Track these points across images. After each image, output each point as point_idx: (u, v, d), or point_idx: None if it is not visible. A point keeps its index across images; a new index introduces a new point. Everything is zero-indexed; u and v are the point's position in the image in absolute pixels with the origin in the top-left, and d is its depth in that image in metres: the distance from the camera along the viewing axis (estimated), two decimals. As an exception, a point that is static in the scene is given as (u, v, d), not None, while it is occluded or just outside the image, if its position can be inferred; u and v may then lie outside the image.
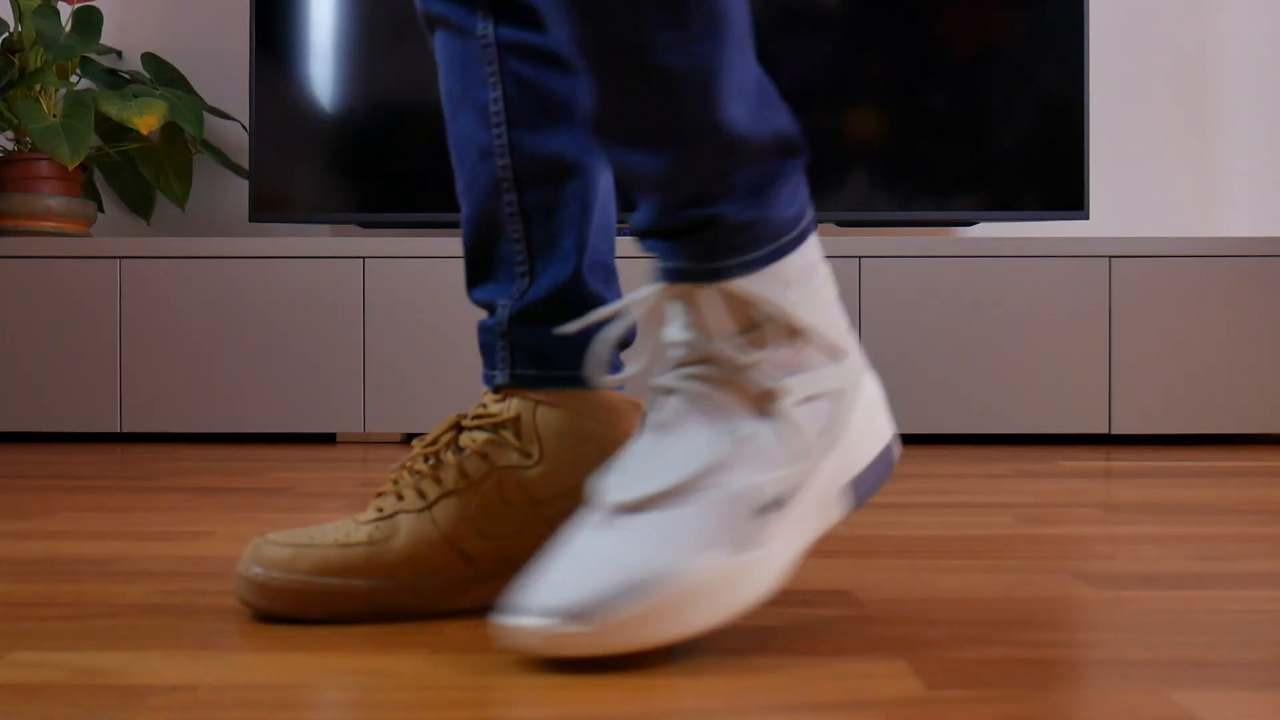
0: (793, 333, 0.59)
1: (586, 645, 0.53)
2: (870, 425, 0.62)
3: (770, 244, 0.59)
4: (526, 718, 0.47)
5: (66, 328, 2.03)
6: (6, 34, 2.23)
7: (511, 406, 0.67)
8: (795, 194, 0.60)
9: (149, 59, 2.30)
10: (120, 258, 2.03)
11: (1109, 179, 2.42)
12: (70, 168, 2.02)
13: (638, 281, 2.00)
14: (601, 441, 0.67)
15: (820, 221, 2.14)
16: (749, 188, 0.58)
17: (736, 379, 0.59)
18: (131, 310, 2.03)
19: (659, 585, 0.54)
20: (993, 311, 2.01)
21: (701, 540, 0.55)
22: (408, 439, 2.08)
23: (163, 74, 2.30)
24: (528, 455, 0.66)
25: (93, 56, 2.36)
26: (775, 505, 0.58)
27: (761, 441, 0.58)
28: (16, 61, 2.15)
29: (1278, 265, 2.00)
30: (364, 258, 2.02)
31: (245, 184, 2.46)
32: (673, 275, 0.59)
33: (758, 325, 0.59)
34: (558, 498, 0.66)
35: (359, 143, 2.14)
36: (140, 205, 2.38)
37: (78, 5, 2.13)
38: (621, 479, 0.58)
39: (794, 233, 0.60)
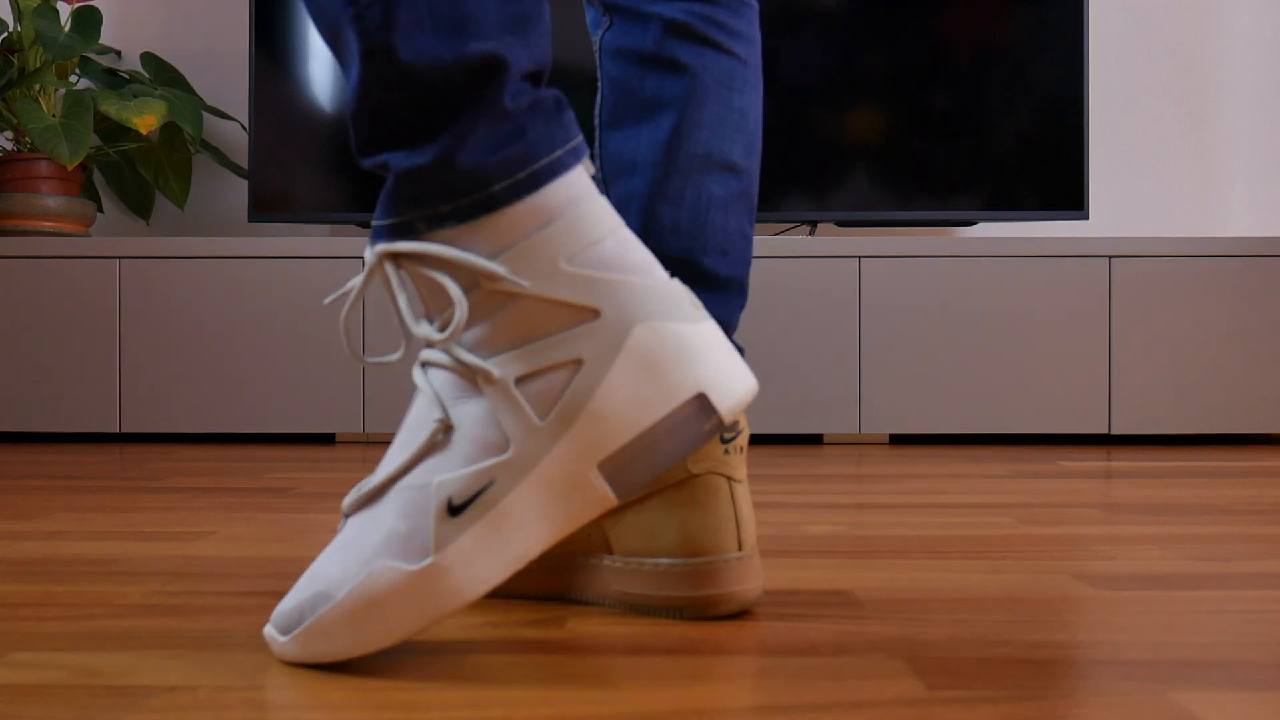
0: (509, 296, 0.52)
1: (290, 654, 0.54)
2: (642, 387, 0.52)
3: (462, 197, 0.51)
4: (526, 718, 0.47)
5: (66, 328, 2.03)
6: (6, 34, 2.23)
7: None
8: (505, 134, 0.51)
9: (148, 59, 2.30)
10: (119, 258, 2.03)
11: (1109, 179, 2.42)
12: (69, 168, 2.02)
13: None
14: None
15: (820, 221, 2.14)
16: (421, 130, 0.51)
17: (449, 356, 0.53)
18: (131, 310, 2.03)
19: (334, 596, 0.52)
20: (992, 311, 2.01)
21: (378, 547, 0.52)
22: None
23: (162, 74, 2.30)
24: None
25: (92, 56, 2.36)
26: (462, 507, 0.52)
27: (462, 432, 0.52)
28: (16, 61, 2.15)
29: (1278, 265, 2.00)
30: (363, 258, 2.02)
31: (244, 184, 2.46)
32: (372, 235, 0.54)
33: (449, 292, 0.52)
34: None
35: (358, 143, 2.14)
36: (139, 205, 2.38)
37: (77, 5, 2.13)
38: (366, 480, 0.57)
39: (505, 182, 0.51)
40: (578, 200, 0.52)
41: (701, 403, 0.53)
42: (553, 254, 0.51)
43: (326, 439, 2.09)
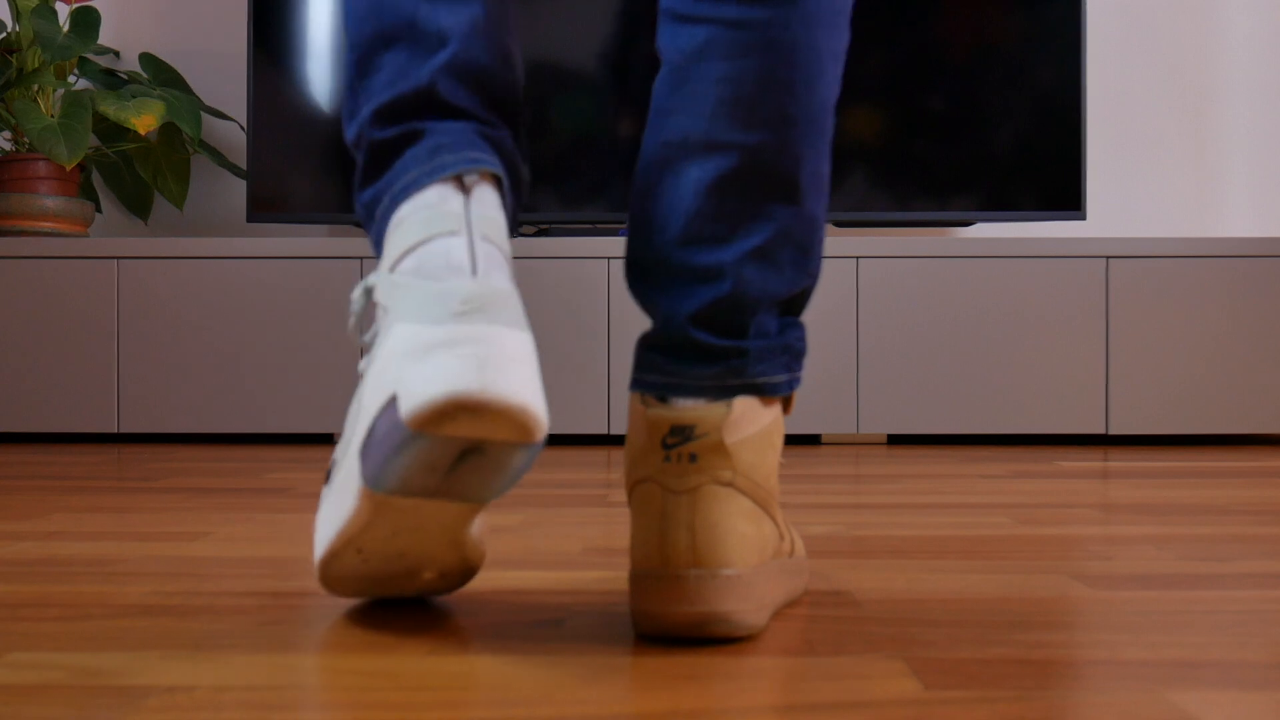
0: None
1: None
2: (375, 384, 0.54)
3: (360, 214, 0.64)
4: (524, 718, 0.47)
5: (64, 328, 2.02)
6: (4, 34, 2.23)
7: None
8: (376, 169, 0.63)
9: (147, 59, 2.30)
10: (118, 258, 2.03)
11: (1106, 179, 2.42)
12: (68, 168, 2.02)
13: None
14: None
15: (818, 222, 2.14)
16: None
17: None
18: (129, 310, 2.03)
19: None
20: (990, 312, 2.01)
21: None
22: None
23: (160, 74, 2.30)
24: None
25: (90, 57, 2.36)
26: (345, 454, 0.60)
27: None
28: (14, 61, 2.15)
29: (1275, 265, 2.00)
30: (361, 258, 2.02)
31: (243, 184, 2.46)
32: None
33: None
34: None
35: (357, 143, 2.14)
36: (138, 205, 2.38)
37: (75, 5, 2.13)
38: None
39: (380, 206, 0.62)
40: (405, 217, 0.58)
41: (392, 404, 0.53)
42: (385, 262, 0.58)
43: (325, 439, 2.09)
